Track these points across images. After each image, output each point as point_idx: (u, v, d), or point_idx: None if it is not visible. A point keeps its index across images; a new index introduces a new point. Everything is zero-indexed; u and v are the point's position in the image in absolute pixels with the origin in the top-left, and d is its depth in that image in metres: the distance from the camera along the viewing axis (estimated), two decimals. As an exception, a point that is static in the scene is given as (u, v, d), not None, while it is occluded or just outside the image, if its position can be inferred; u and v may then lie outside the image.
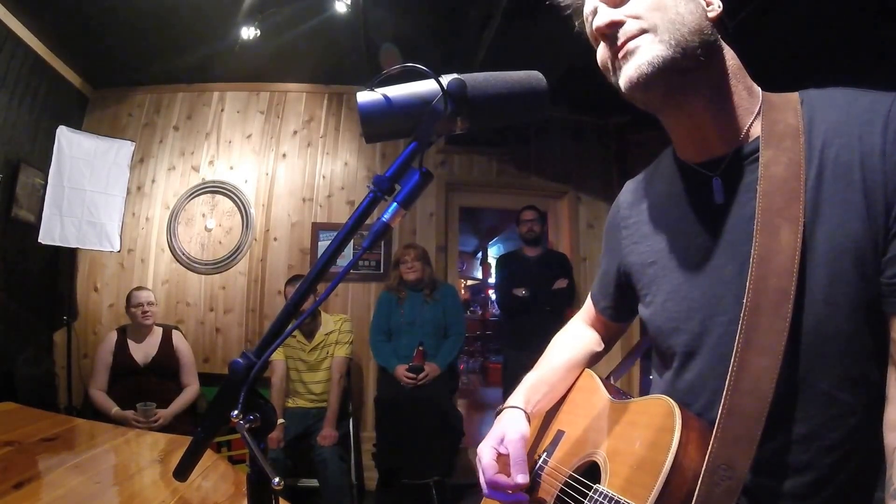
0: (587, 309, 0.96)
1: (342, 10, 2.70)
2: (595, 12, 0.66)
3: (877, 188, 0.55)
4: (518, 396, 0.85)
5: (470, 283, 9.24)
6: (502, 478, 0.74)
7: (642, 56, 0.60)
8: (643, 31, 0.61)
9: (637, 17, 0.61)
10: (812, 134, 0.60)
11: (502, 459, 0.76)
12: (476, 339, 7.57)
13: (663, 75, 0.60)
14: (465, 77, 0.54)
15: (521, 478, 0.73)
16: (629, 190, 0.83)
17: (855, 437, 0.58)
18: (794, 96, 0.64)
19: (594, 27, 0.64)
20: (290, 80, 3.77)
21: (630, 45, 0.61)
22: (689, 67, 0.60)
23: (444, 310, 2.95)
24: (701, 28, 0.61)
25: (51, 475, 1.17)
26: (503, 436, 0.78)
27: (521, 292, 3.23)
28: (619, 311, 0.89)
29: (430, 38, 3.05)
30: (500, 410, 0.84)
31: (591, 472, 0.70)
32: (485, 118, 0.57)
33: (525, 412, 0.82)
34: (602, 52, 0.67)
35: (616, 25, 0.62)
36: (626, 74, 0.61)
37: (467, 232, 7.87)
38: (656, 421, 0.62)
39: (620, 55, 0.62)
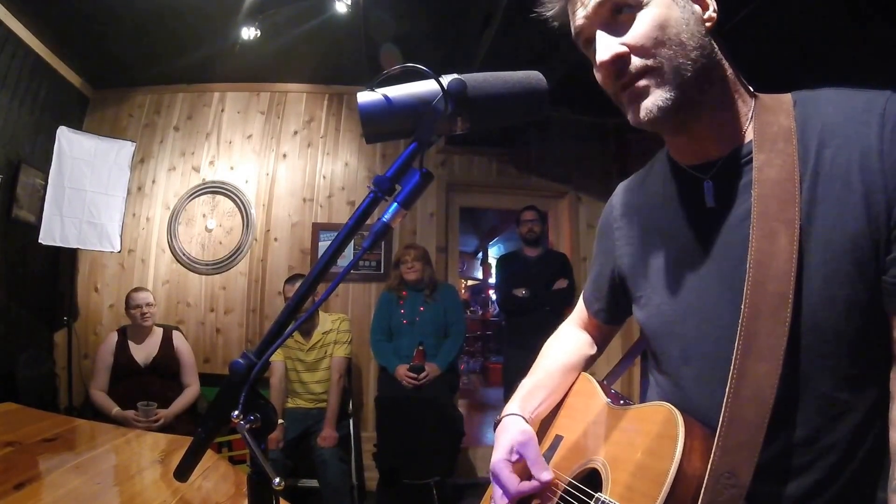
0: (579, 311, 0.95)
1: (342, 10, 2.70)
2: (582, 30, 0.64)
3: (876, 189, 0.55)
4: (515, 404, 0.84)
5: (470, 283, 9.23)
6: (527, 484, 0.73)
7: (652, 101, 0.60)
8: (648, 70, 0.60)
9: (640, 53, 0.60)
10: (806, 135, 0.60)
11: (517, 467, 0.76)
12: (476, 339, 7.57)
13: (671, 115, 0.60)
14: (466, 77, 0.54)
15: (546, 475, 0.72)
16: (622, 191, 0.83)
17: (855, 437, 0.57)
18: (787, 97, 0.64)
19: (597, 62, 0.62)
20: (291, 81, 3.77)
21: (639, 84, 0.60)
22: (695, 99, 0.61)
23: (445, 310, 2.95)
24: (701, 46, 0.60)
25: (51, 476, 1.17)
26: (512, 444, 0.76)
27: (522, 292, 3.23)
28: (612, 313, 0.88)
29: (430, 38, 3.05)
30: (499, 420, 0.83)
31: (591, 478, 0.70)
32: (485, 118, 0.57)
33: (524, 418, 0.81)
34: (603, 78, 0.64)
35: (620, 60, 0.60)
36: (634, 116, 0.62)
37: (467, 232, 7.86)
38: (658, 428, 0.62)
39: (627, 92, 0.62)
